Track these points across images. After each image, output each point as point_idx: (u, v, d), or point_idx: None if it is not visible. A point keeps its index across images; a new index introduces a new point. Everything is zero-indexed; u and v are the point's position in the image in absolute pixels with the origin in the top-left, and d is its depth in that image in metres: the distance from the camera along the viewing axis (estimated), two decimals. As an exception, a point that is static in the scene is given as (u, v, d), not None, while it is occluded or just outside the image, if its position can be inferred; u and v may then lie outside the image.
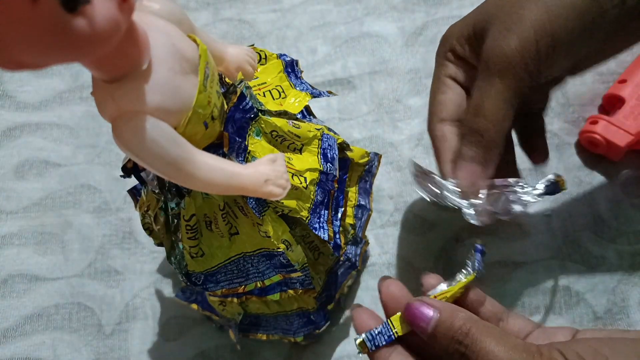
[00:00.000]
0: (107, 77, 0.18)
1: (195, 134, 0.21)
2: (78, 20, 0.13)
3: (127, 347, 0.37)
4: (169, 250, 0.28)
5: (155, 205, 0.27)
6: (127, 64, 0.18)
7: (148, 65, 0.19)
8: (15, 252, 0.41)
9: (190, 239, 0.26)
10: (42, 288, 0.39)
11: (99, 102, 0.19)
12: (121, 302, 0.39)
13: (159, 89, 0.19)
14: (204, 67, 0.21)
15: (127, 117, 0.19)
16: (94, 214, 0.42)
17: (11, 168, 0.44)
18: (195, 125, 0.21)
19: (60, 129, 0.45)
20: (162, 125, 0.19)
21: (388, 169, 0.42)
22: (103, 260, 0.40)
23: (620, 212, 0.39)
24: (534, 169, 0.41)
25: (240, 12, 0.49)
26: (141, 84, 0.18)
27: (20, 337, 0.38)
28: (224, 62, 0.26)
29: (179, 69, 0.20)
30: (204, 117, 0.21)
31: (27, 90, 0.47)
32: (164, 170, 0.20)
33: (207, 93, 0.21)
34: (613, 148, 0.40)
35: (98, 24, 0.14)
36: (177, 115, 0.20)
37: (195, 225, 0.26)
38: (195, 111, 0.20)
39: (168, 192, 0.25)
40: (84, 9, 0.13)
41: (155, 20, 0.20)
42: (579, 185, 0.41)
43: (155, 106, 0.19)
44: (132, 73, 0.18)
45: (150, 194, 0.27)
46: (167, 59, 0.19)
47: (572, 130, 0.43)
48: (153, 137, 0.19)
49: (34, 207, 0.42)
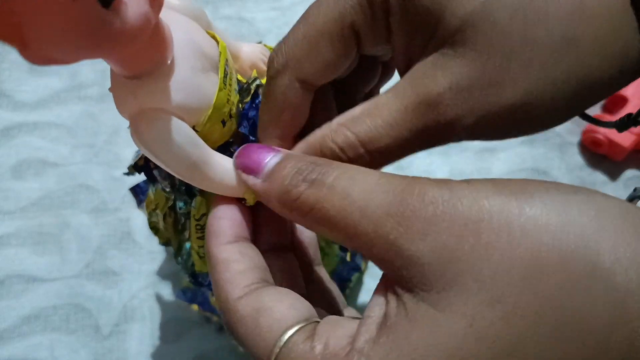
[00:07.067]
0: (130, 73, 0.18)
1: (212, 132, 0.21)
2: (112, 15, 0.13)
3: (125, 348, 0.37)
4: (176, 250, 0.28)
5: (164, 204, 0.27)
6: (152, 60, 0.17)
7: (171, 62, 0.18)
8: (12, 252, 0.40)
9: (199, 239, 0.26)
10: (40, 289, 0.39)
11: (119, 99, 0.19)
12: (119, 303, 0.39)
13: (181, 86, 0.18)
14: (224, 65, 0.20)
15: (149, 115, 0.18)
16: (92, 214, 0.41)
17: (9, 168, 0.43)
18: (214, 123, 0.21)
19: (58, 129, 0.45)
20: (183, 126, 0.19)
21: (389, 169, 0.42)
22: (101, 260, 0.40)
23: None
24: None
25: (240, 10, 0.48)
26: (164, 81, 0.18)
27: (17, 338, 0.38)
28: (239, 60, 0.26)
29: (200, 66, 0.19)
30: (222, 115, 0.21)
31: (24, 89, 0.46)
32: (180, 171, 0.19)
33: (226, 91, 0.21)
34: (616, 148, 0.40)
35: (130, 19, 0.14)
36: (198, 113, 0.20)
37: (205, 225, 0.25)
38: (215, 109, 0.20)
39: (178, 191, 0.25)
40: (117, 4, 0.13)
41: (175, 16, 0.19)
42: (581, 185, 0.40)
43: (177, 104, 0.18)
44: (155, 70, 0.18)
45: (160, 192, 0.27)
46: (189, 56, 0.19)
47: (575, 130, 0.43)
48: (174, 137, 0.18)
49: (31, 207, 0.42)
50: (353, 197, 0.15)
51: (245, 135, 0.23)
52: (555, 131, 0.42)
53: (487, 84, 0.16)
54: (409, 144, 0.18)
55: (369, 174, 0.16)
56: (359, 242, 0.15)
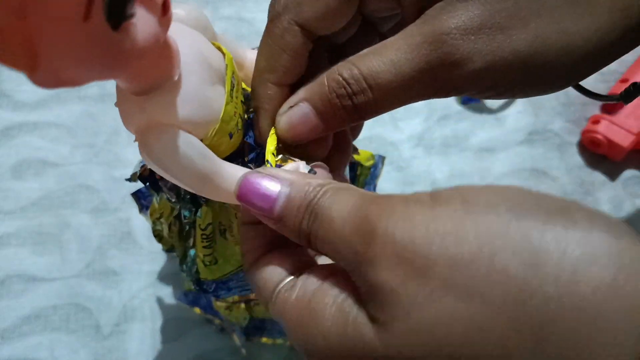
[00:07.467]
0: (138, 89, 0.18)
1: (220, 144, 0.21)
2: (121, 36, 0.13)
3: (126, 348, 0.37)
4: (181, 257, 0.27)
5: (169, 214, 0.27)
6: (160, 76, 0.17)
7: (178, 76, 0.18)
8: (12, 252, 0.40)
9: (205, 248, 0.25)
10: (40, 289, 0.39)
11: (125, 114, 0.18)
12: (119, 303, 0.39)
13: (189, 100, 0.18)
14: (230, 77, 0.20)
15: (157, 130, 0.18)
16: (92, 214, 0.41)
17: (9, 168, 0.43)
18: (222, 136, 0.20)
19: (58, 129, 0.45)
20: (192, 139, 0.19)
21: (388, 169, 0.42)
22: (101, 260, 0.40)
23: (622, 213, 0.39)
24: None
25: (240, 10, 0.48)
26: (172, 95, 0.18)
27: (17, 338, 0.38)
28: (244, 68, 0.25)
29: (207, 79, 0.19)
30: (230, 129, 0.21)
31: (24, 89, 0.46)
32: (192, 184, 0.19)
33: (233, 104, 0.20)
34: (615, 148, 0.40)
35: (140, 40, 0.14)
36: (205, 126, 0.19)
37: (210, 234, 0.25)
38: (222, 123, 0.20)
39: (183, 200, 0.24)
40: (127, 26, 0.13)
41: (182, 28, 0.19)
42: (580, 185, 0.41)
43: (185, 118, 0.18)
44: (163, 84, 0.18)
45: (164, 201, 0.26)
46: (197, 69, 0.19)
47: (574, 130, 0.43)
48: (184, 151, 0.18)
49: (31, 207, 0.42)
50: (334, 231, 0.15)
51: (252, 146, 0.23)
52: (554, 131, 0.42)
53: (496, 27, 0.17)
54: (412, 85, 0.18)
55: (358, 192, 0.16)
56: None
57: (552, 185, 0.42)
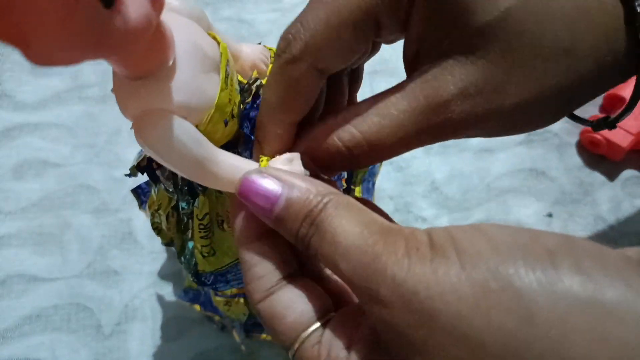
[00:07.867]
0: (132, 74, 0.18)
1: (215, 132, 0.21)
2: (113, 15, 0.13)
3: (127, 348, 0.37)
4: (179, 250, 0.28)
5: (167, 205, 0.27)
6: (154, 61, 0.18)
7: (172, 62, 0.18)
8: (13, 252, 0.41)
9: (202, 238, 0.26)
10: (41, 289, 0.39)
11: (121, 100, 0.19)
12: (120, 303, 0.39)
13: (183, 86, 0.19)
14: (225, 65, 0.21)
15: (152, 116, 0.18)
16: (93, 214, 0.42)
17: (10, 168, 0.43)
18: (217, 123, 0.21)
19: (58, 129, 0.45)
20: (187, 125, 0.19)
21: (388, 169, 0.42)
22: (102, 260, 0.40)
23: (621, 213, 0.39)
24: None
25: (239, 11, 0.49)
26: (166, 81, 0.18)
27: (18, 338, 0.38)
28: (239, 60, 0.26)
29: (201, 67, 0.19)
30: (225, 115, 0.21)
31: (25, 90, 0.46)
32: (187, 170, 0.20)
33: (228, 90, 0.21)
34: (614, 148, 0.40)
35: (132, 19, 0.14)
36: (200, 113, 0.20)
37: (208, 224, 0.26)
38: (217, 109, 0.20)
39: (180, 191, 0.25)
40: (119, 5, 0.13)
41: (176, 17, 0.20)
42: (579, 186, 0.41)
43: (180, 104, 0.19)
44: (158, 71, 0.18)
45: (162, 192, 0.27)
46: (190, 57, 0.19)
47: (573, 131, 0.43)
48: (178, 136, 0.18)
49: (32, 207, 0.42)
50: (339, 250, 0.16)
51: (247, 136, 0.23)
52: (553, 131, 0.43)
53: (492, 90, 0.17)
54: (413, 142, 0.19)
55: (366, 213, 0.16)
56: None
57: (551, 185, 0.42)
